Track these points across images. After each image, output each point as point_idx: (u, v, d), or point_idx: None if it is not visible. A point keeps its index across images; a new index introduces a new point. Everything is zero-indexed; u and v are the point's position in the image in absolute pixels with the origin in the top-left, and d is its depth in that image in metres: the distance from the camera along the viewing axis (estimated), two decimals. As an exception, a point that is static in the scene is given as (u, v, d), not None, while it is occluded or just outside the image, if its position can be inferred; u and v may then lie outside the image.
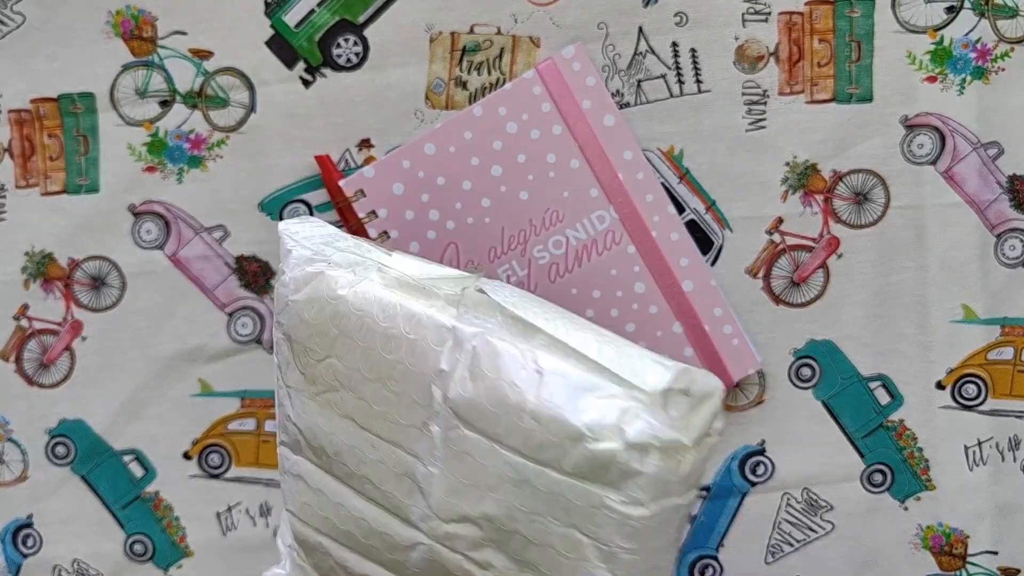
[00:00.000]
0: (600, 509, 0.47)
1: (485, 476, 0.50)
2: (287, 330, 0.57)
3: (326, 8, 0.78)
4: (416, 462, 0.52)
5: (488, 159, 0.77)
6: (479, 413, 0.50)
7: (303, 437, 0.57)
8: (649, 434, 0.46)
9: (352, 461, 0.54)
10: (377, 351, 0.53)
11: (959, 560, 0.81)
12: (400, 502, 0.52)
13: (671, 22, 0.77)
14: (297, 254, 0.57)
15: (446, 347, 0.52)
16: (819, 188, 0.78)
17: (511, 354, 0.50)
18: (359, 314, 0.54)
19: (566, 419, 0.47)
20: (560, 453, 0.47)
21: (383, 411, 0.53)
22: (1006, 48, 0.77)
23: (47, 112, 0.80)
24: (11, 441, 0.83)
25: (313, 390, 0.56)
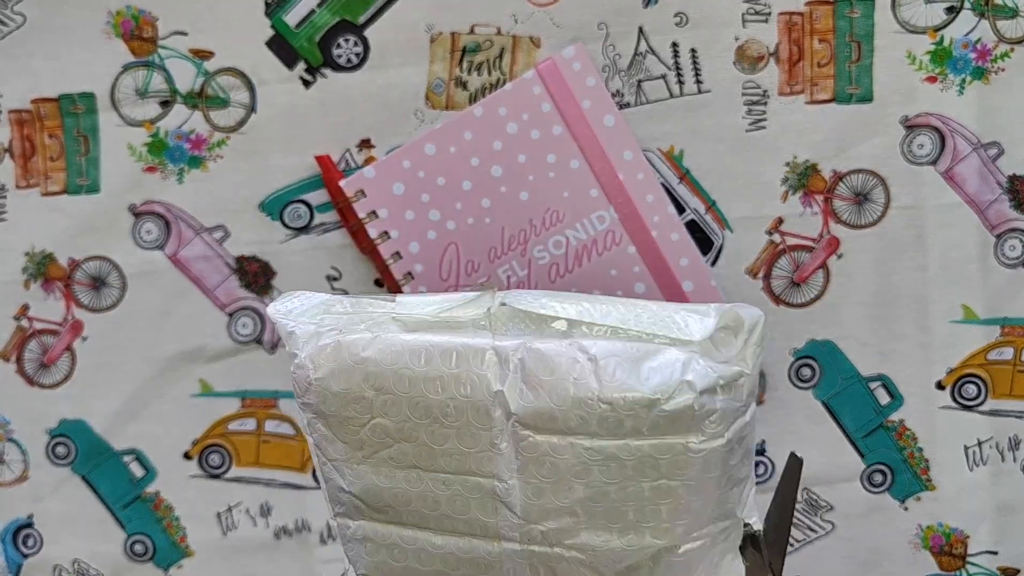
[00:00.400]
0: (685, 454, 0.50)
1: (568, 469, 0.52)
2: (317, 408, 0.57)
3: (326, 8, 0.78)
4: (493, 481, 0.53)
5: (488, 159, 0.77)
6: (547, 416, 0.52)
7: (362, 501, 0.58)
8: (714, 377, 0.50)
9: (426, 505, 0.56)
10: (423, 395, 0.54)
11: (959, 560, 0.81)
12: (486, 523, 0.54)
13: (671, 22, 0.77)
14: (302, 331, 0.58)
15: (492, 369, 0.53)
16: (819, 188, 0.78)
17: (559, 352, 0.52)
18: (392, 368, 0.55)
19: (635, 391, 0.50)
20: (639, 423, 0.50)
21: (446, 448, 0.54)
22: (1006, 48, 0.77)
23: (47, 112, 0.80)
24: (12, 441, 0.83)
25: (362, 454, 0.57)
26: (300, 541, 0.83)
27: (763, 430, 0.80)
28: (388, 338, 0.55)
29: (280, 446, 0.82)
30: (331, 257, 0.80)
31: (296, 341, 0.58)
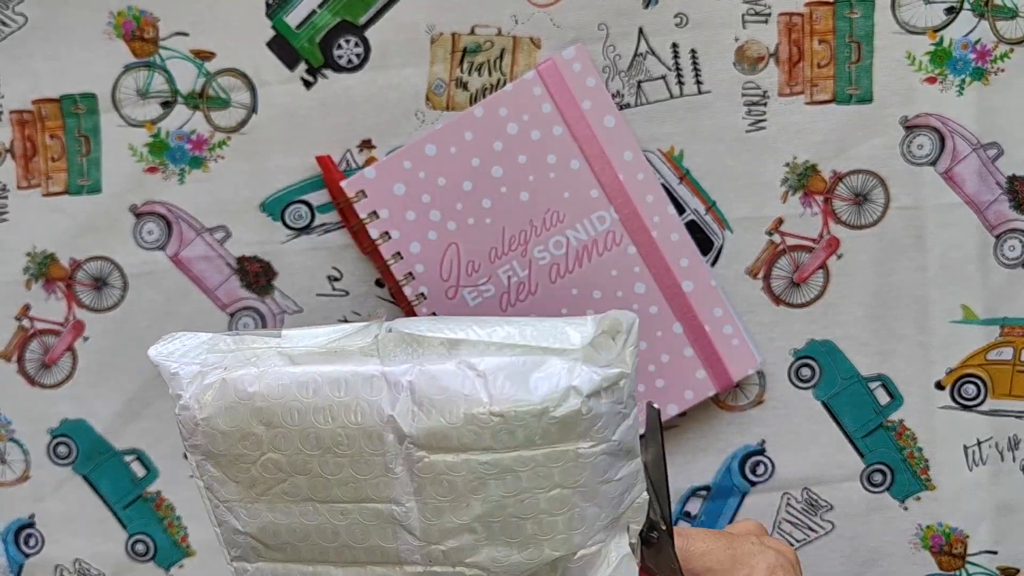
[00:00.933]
0: (576, 461, 0.52)
1: (465, 485, 0.52)
2: (206, 449, 0.56)
3: (327, 9, 0.78)
4: (391, 506, 0.54)
5: (489, 160, 0.77)
6: (441, 435, 0.52)
7: (259, 542, 0.57)
8: (598, 380, 0.51)
9: (325, 537, 0.55)
10: (313, 426, 0.54)
11: (959, 560, 0.81)
12: (386, 549, 0.54)
13: (671, 23, 0.77)
14: (185, 372, 0.57)
15: (382, 394, 0.53)
16: (819, 189, 0.78)
17: (448, 371, 0.53)
18: (280, 402, 0.54)
19: (525, 402, 0.51)
20: (530, 433, 0.51)
21: (341, 477, 0.54)
22: (1005, 49, 0.77)
23: (49, 113, 0.80)
24: (13, 441, 0.83)
25: (256, 492, 0.56)
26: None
27: (763, 430, 0.81)
28: (275, 372, 0.55)
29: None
30: (332, 257, 0.80)
31: (179, 382, 0.57)
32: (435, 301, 0.78)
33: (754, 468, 0.81)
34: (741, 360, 0.78)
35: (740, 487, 0.81)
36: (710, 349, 0.78)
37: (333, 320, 0.80)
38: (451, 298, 0.78)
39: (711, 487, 0.81)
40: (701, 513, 0.81)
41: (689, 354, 0.78)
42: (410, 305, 0.78)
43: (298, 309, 0.80)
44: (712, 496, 0.81)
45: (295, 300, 0.80)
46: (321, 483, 0.54)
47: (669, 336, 0.78)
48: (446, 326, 0.55)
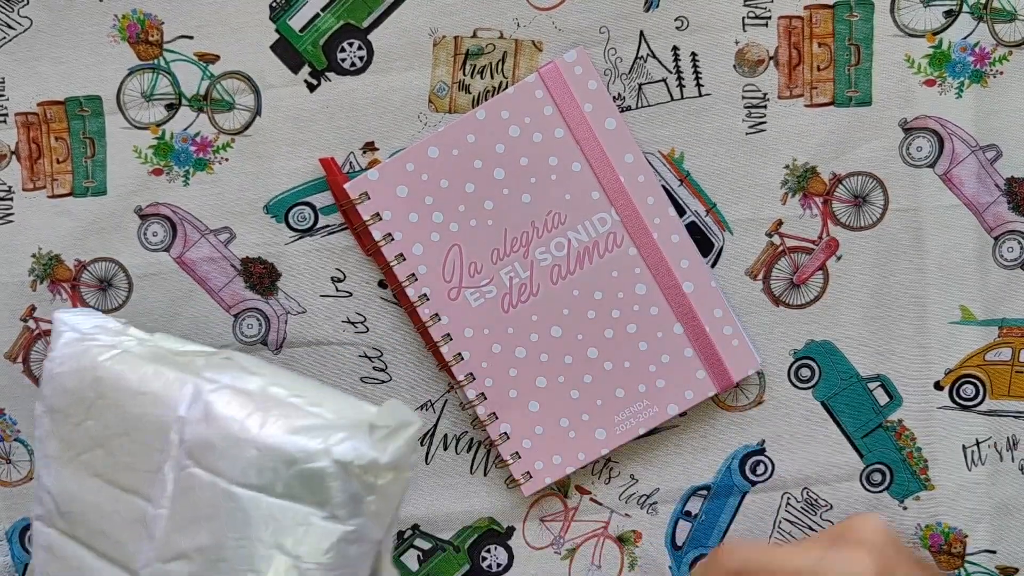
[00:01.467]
0: (304, 526, 0.52)
1: (204, 508, 0.53)
2: (50, 402, 0.60)
3: (331, 13, 0.78)
4: (148, 506, 0.55)
5: (491, 162, 0.78)
6: (208, 449, 0.54)
7: (55, 504, 0.59)
8: (352, 453, 0.52)
9: (94, 518, 0.57)
10: (126, 406, 0.56)
11: (958, 559, 0.82)
12: (129, 552, 0.55)
13: (672, 26, 0.78)
14: (67, 337, 0.61)
15: (187, 398, 0.56)
16: (818, 191, 0.79)
17: (240, 400, 0.55)
18: (115, 377, 0.58)
19: (282, 446, 0.52)
20: (275, 477, 0.52)
21: (128, 462, 0.56)
22: (1004, 52, 0.78)
23: (54, 115, 0.81)
24: (18, 441, 0.83)
25: (69, 455, 0.59)
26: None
27: (763, 430, 0.81)
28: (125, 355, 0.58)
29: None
30: (335, 259, 0.80)
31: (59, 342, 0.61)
32: (437, 302, 0.79)
33: (754, 468, 0.81)
34: (741, 360, 0.79)
35: (740, 487, 0.81)
36: (710, 350, 0.79)
37: (337, 321, 0.81)
38: (453, 299, 0.79)
39: (711, 487, 0.82)
40: (701, 512, 0.82)
41: (689, 354, 0.79)
42: (413, 306, 0.79)
43: (302, 310, 0.81)
44: (712, 496, 0.82)
45: (299, 301, 0.81)
46: (112, 463, 0.56)
47: (670, 336, 0.78)
48: (268, 369, 0.57)
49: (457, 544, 0.83)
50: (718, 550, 0.65)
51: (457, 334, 0.79)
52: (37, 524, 0.61)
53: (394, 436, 0.53)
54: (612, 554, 0.83)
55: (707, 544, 0.82)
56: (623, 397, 0.79)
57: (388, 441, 0.53)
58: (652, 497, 0.82)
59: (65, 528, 0.59)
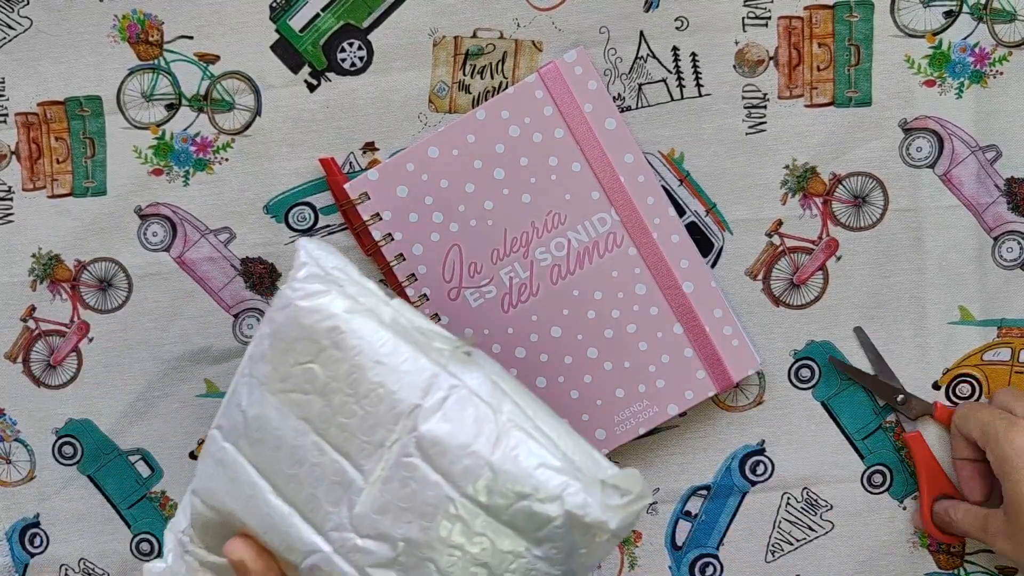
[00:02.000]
0: (517, 558, 0.53)
1: (422, 505, 0.53)
2: (277, 327, 0.58)
3: (331, 13, 0.78)
4: (358, 475, 0.55)
5: (491, 162, 0.78)
6: (441, 450, 0.54)
7: (245, 425, 0.58)
8: (583, 508, 0.52)
9: (288, 460, 0.56)
10: (364, 371, 0.56)
11: (957, 559, 0.82)
12: (320, 508, 0.55)
13: (672, 27, 0.78)
14: (309, 271, 0.59)
15: (429, 387, 0.55)
16: (818, 191, 0.79)
17: (482, 411, 0.55)
18: (356, 336, 0.57)
19: (519, 478, 0.53)
20: (504, 503, 0.53)
21: (346, 423, 0.55)
22: (1004, 52, 0.78)
23: (54, 115, 0.81)
24: (18, 441, 0.83)
25: (279, 387, 0.58)
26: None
27: (763, 430, 0.81)
28: (369, 316, 0.58)
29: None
30: (335, 259, 0.80)
31: (301, 272, 0.60)
32: (437, 302, 0.79)
33: (754, 468, 0.81)
34: (741, 361, 0.79)
35: (740, 487, 0.81)
36: (710, 350, 0.79)
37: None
38: (453, 299, 0.79)
39: (711, 487, 0.82)
40: (701, 512, 0.82)
41: (689, 354, 0.79)
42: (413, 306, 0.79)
43: (302, 310, 0.81)
44: (712, 496, 0.82)
45: (299, 301, 0.81)
46: (328, 415, 0.56)
47: (669, 337, 0.79)
48: (508, 381, 0.57)
49: (457, 544, 0.83)
50: None
51: (457, 334, 0.79)
52: (215, 433, 0.60)
53: (626, 505, 0.53)
54: (612, 554, 0.83)
55: (707, 544, 0.82)
56: (623, 397, 0.79)
57: (620, 509, 0.53)
58: (652, 497, 0.82)
59: (248, 451, 0.58)
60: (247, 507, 0.58)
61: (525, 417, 0.55)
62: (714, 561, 0.82)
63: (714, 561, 0.82)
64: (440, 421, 0.54)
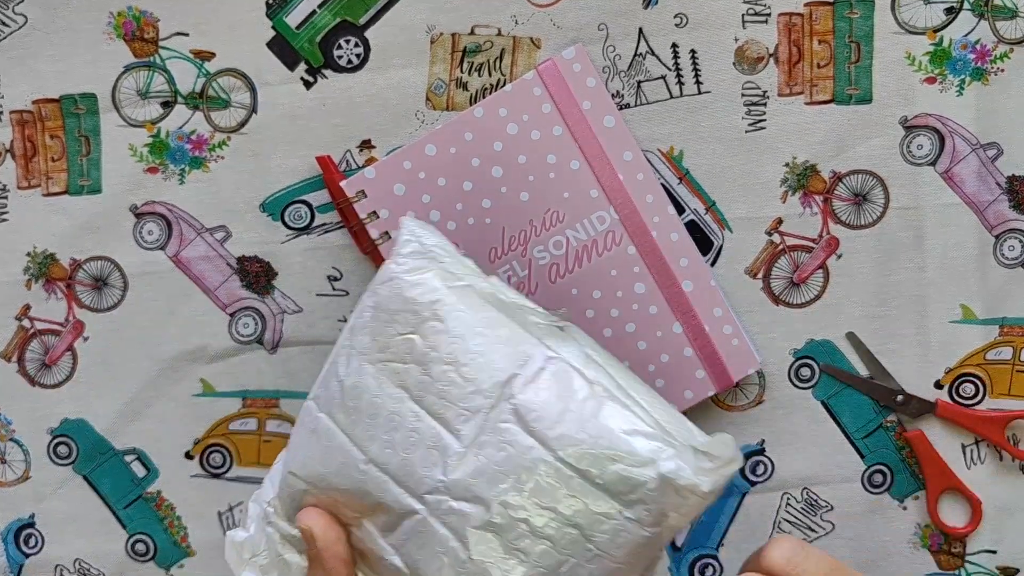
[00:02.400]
0: (609, 519, 0.54)
1: (517, 468, 0.55)
2: (380, 299, 0.60)
3: (327, 9, 0.78)
4: (454, 440, 0.56)
5: (489, 160, 0.77)
6: (537, 416, 0.55)
7: (342, 394, 0.59)
8: (676, 472, 0.54)
9: (384, 427, 0.57)
10: (464, 341, 0.57)
11: (958, 559, 0.81)
12: (416, 471, 0.56)
13: (671, 24, 0.77)
14: (412, 248, 0.61)
15: (527, 358, 0.57)
16: (818, 189, 0.79)
17: (578, 381, 0.56)
18: (456, 308, 0.58)
19: (614, 442, 0.54)
20: (599, 468, 0.54)
21: (444, 390, 0.56)
22: (1005, 49, 0.77)
23: (49, 113, 0.80)
24: (13, 441, 0.83)
25: (379, 356, 0.59)
26: (301, 540, 0.83)
27: (763, 430, 0.81)
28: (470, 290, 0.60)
29: (280, 446, 0.82)
30: (332, 257, 0.80)
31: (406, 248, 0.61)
32: (435, 301, 0.78)
33: (754, 468, 0.81)
34: (741, 360, 0.79)
35: (740, 487, 0.81)
36: (710, 349, 0.78)
37: (333, 320, 0.80)
38: (451, 298, 0.78)
39: (711, 487, 0.81)
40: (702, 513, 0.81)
41: (689, 354, 0.78)
42: (410, 305, 0.79)
43: (298, 309, 0.81)
44: (712, 496, 0.81)
45: (295, 300, 0.80)
46: (427, 384, 0.57)
47: (669, 336, 0.78)
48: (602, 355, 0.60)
49: (455, 544, 0.83)
50: None
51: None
52: (311, 404, 0.61)
53: (718, 468, 0.55)
54: (611, 554, 0.82)
55: (707, 544, 0.82)
56: (622, 397, 0.79)
57: (711, 472, 0.55)
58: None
59: (343, 421, 0.59)
60: (340, 473, 0.58)
61: (618, 387, 0.57)
62: (714, 562, 0.82)
63: (714, 562, 0.82)
64: (537, 390, 0.55)
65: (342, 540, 0.59)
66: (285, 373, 0.81)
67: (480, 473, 0.55)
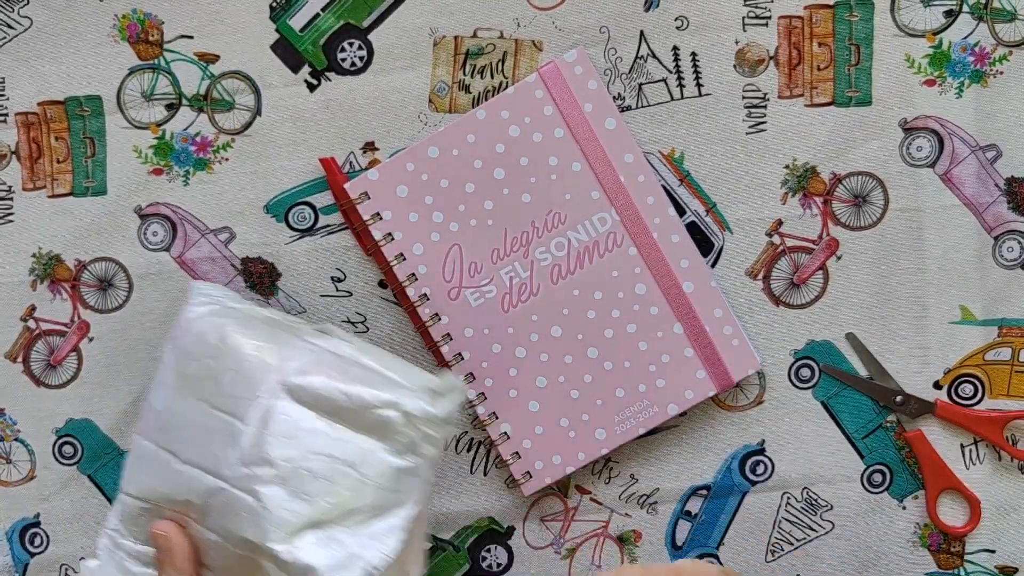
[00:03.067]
0: (373, 455, 0.65)
1: (292, 429, 0.65)
2: (180, 343, 0.70)
3: (331, 12, 0.78)
4: (243, 424, 0.65)
5: (491, 162, 0.78)
6: (304, 389, 0.66)
7: (157, 421, 0.69)
8: (415, 408, 0.66)
9: (189, 433, 0.67)
10: (243, 350, 0.67)
11: (957, 558, 0.82)
12: (217, 456, 0.66)
13: (672, 26, 0.78)
14: (200, 300, 0.73)
15: (296, 351, 0.68)
16: (818, 190, 0.79)
17: (335, 361, 0.68)
18: (238, 330, 0.69)
19: (364, 397, 0.66)
20: (356, 417, 0.66)
21: (230, 391, 0.66)
22: (1004, 52, 0.78)
23: (54, 115, 0.81)
24: (18, 441, 0.83)
25: (182, 383, 0.69)
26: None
27: (763, 430, 0.81)
28: (251, 314, 0.72)
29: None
30: (335, 258, 0.80)
31: (196, 299, 0.72)
32: (437, 302, 0.79)
33: (754, 468, 0.81)
34: (741, 360, 0.79)
35: (740, 487, 0.81)
36: (710, 349, 0.79)
37: (337, 320, 0.81)
38: (453, 299, 0.79)
39: (711, 486, 0.82)
40: (701, 512, 0.82)
41: (689, 354, 0.79)
42: (413, 306, 0.79)
43: (302, 310, 0.81)
44: (712, 495, 0.82)
45: (299, 301, 0.81)
46: (217, 391, 0.67)
47: (669, 336, 0.79)
48: (357, 339, 0.72)
49: (457, 544, 0.83)
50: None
51: (457, 334, 0.79)
52: (136, 438, 0.71)
53: (447, 398, 0.67)
54: (612, 554, 0.83)
55: (707, 543, 0.82)
56: (623, 397, 0.79)
57: (442, 403, 0.67)
58: (652, 497, 0.82)
59: (160, 440, 0.69)
60: (164, 479, 0.68)
61: (370, 359, 0.69)
62: (714, 561, 0.82)
63: (714, 561, 0.82)
64: (303, 373, 0.66)
65: (189, 541, 0.68)
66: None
67: (263, 441, 0.65)
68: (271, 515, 0.63)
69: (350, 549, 0.63)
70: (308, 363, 0.67)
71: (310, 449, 0.64)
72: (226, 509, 0.64)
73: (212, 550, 0.66)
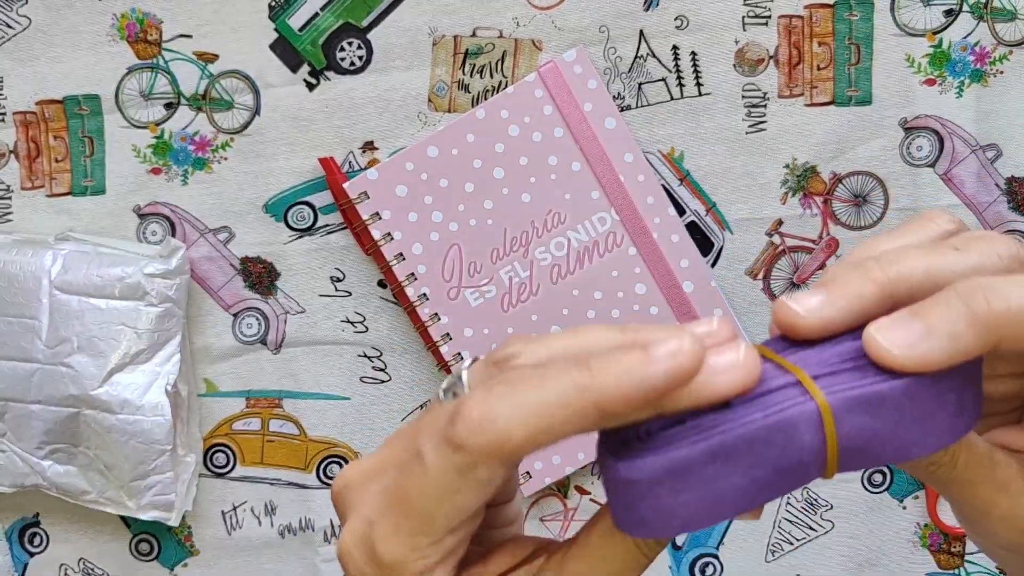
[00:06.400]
0: (136, 312, 0.78)
1: (74, 312, 0.78)
2: None
3: (330, 12, 0.78)
4: (35, 321, 0.78)
5: (490, 161, 0.78)
6: (69, 282, 0.78)
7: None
8: (153, 269, 0.78)
9: (1, 339, 0.80)
10: (7, 269, 0.79)
11: (957, 558, 0.82)
12: (27, 351, 0.79)
13: (672, 26, 0.78)
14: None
15: (48, 257, 0.79)
16: (818, 190, 0.79)
17: (84, 256, 0.79)
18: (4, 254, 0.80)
19: (114, 273, 0.78)
20: (112, 288, 0.78)
21: (22, 300, 0.79)
22: (1004, 51, 0.78)
23: (52, 114, 0.81)
24: (17, 440, 0.83)
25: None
26: (304, 539, 0.83)
27: (763, 430, 0.81)
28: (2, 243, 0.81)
29: (284, 445, 0.82)
30: (335, 258, 0.80)
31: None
32: (437, 302, 0.79)
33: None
34: (741, 360, 0.79)
35: (740, 486, 0.81)
36: (710, 349, 0.78)
37: (336, 320, 0.81)
38: (453, 299, 0.79)
39: (711, 486, 0.81)
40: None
41: (689, 354, 0.78)
42: (412, 306, 0.79)
43: (301, 310, 0.81)
44: (712, 495, 0.81)
45: (298, 301, 0.81)
46: (5, 303, 0.79)
47: (670, 336, 0.78)
48: (96, 239, 0.82)
49: (457, 544, 0.83)
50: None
51: (457, 334, 0.79)
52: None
53: (171, 256, 0.78)
54: (612, 554, 0.82)
55: (707, 544, 0.82)
56: (623, 397, 0.79)
57: (170, 258, 0.78)
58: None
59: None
60: None
61: (110, 248, 0.80)
62: (714, 561, 0.82)
63: (714, 561, 0.82)
64: (62, 270, 0.79)
65: None
66: (288, 373, 0.81)
67: (56, 327, 0.79)
68: (83, 373, 0.78)
69: (148, 378, 0.78)
70: (66, 263, 0.79)
71: (92, 322, 0.78)
72: (46, 381, 0.79)
73: (36, 418, 0.80)
